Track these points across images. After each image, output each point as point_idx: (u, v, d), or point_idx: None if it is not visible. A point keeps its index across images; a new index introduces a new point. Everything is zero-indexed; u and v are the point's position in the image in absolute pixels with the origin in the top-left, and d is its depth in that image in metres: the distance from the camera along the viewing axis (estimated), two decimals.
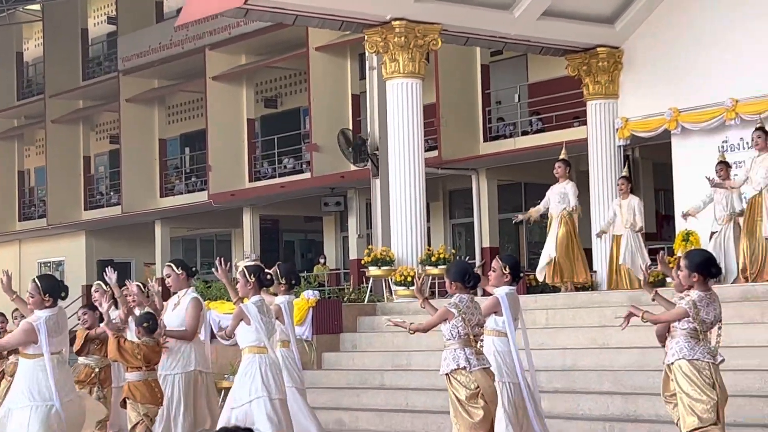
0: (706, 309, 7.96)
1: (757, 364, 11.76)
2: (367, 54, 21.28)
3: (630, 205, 17.35)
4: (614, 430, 11.41)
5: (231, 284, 10.09)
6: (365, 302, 17.81)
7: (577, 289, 17.19)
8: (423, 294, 9.31)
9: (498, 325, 9.50)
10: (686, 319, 7.92)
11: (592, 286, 17.93)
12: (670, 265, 9.33)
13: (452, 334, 8.69)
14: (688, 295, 8.00)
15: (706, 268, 8.09)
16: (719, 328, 8.17)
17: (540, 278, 17.50)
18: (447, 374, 8.75)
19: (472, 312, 8.73)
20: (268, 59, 31.81)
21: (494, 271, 9.64)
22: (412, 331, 9.11)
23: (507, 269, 9.53)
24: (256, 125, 33.43)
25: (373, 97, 23.70)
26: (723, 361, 8.15)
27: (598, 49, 19.90)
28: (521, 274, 10.43)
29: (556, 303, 15.66)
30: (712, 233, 16.37)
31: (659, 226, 24.28)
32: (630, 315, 8.27)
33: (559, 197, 17.23)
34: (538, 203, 18.16)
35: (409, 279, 17.41)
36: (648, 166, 23.95)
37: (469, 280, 8.89)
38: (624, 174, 18.38)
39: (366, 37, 18.62)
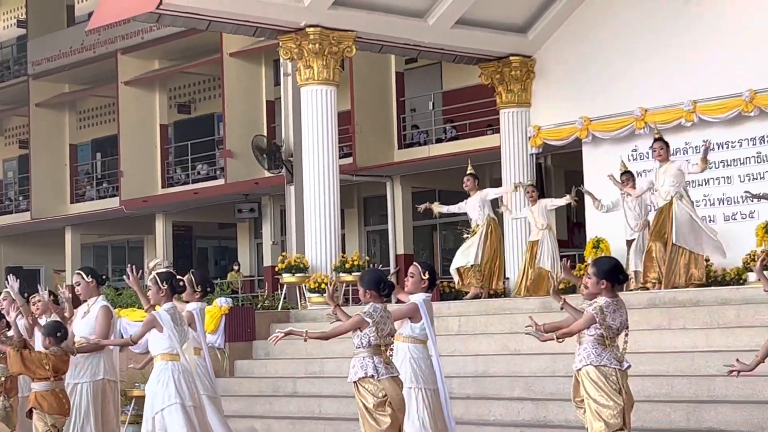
0: (612, 315, 8.08)
1: (664, 369, 11.99)
2: (281, 60, 21.24)
3: (540, 208, 17.55)
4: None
5: (142, 291, 9.98)
6: (279, 309, 17.78)
7: (490, 296, 17.34)
8: (335, 300, 9.29)
9: (414, 332, 9.45)
10: (594, 325, 8.03)
11: (504, 293, 18.10)
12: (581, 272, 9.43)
13: (362, 343, 8.67)
14: (596, 302, 8.12)
15: (613, 274, 8.21)
16: (626, 334, 8.30)
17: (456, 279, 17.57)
18: (355, 382, 8.75)
19: (385, 321, 8.73)
20: (181, 64, 31.61)
21: (412, 277, 9.56)
22: (306, 339, 9.01)
23: (426, 275, 9.53)
24: (170, 131, 33.18)
25: (287, 103, 23.69)
26: (629, 367, 8.28)
27: (511, 57, 20.10)
28: (437, 281, 10.46)
29: (469, 310, 15.76)
30: (629, 241, 16.58)
31: (570, 234, 24.55)
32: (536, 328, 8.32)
33: (479, 204, 17.36)
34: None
35: (323, 286, 17.42)
36: (560, 173, 24.21)
37: (383, 288, 8.83)
38: (530, 182, 18.63)
39: (280, 43, 18.59)
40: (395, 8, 18.69)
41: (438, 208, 18.06)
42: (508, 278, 19.10)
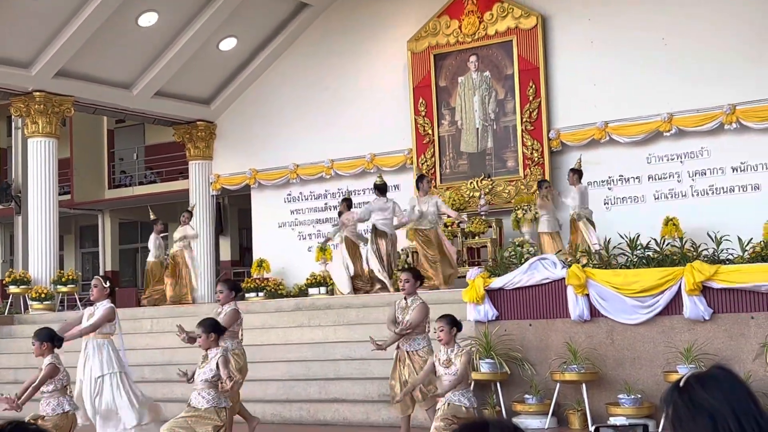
0: None
1: (304, 356, 12.30)
2: (12, 116, 20.17)
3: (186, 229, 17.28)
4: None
5: None
6: (5, 314, 16.81)
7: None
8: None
9: (105, 329, 9.12)
10: None
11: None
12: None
13: (55, 386, 7.76)
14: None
15: None
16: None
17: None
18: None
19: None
20: None
21: (96, 287, 9.05)
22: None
23: (107, 284, 9.14)
24: None
25: (17, 150, 22.57)
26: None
27: (198, 122, 20.04)
28: (115, 289, 9.96)
29: (160, 313, 15.53)
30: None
31: (242, 256, 24.72)
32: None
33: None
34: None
35: (43, 296, 16.69)
36: (234, 211, 24.35)
37: (56, 341, 7.89)
38: (189, 209, 18.26)
39: (12, 103, 17.75)
40: (107, 80, 18.23)
41: None
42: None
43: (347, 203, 15.58)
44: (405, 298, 8.99)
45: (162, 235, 17.51)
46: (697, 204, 15.04)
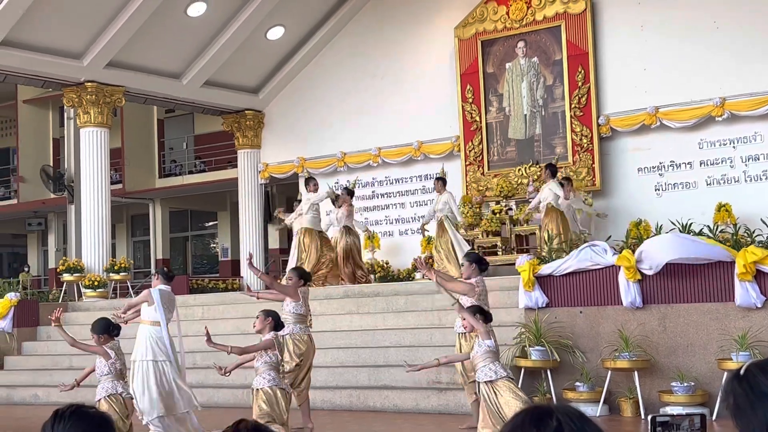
0: None
1: (353, 343, 12.32)
2: (65, 107, 20.44)
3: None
4: (245, 395, 11.58)
5: None
6: (60, 302, 17.06)
7: None
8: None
9: (151, 316, 9.19)
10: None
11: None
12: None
13: (109, 370, 7.89)
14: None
15: None
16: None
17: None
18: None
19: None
20: None
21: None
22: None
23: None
24: None
25: (70, 140, 22.91)
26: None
27: (246, 111, 20.14)
28: (173, 277, 9.99)
29: (210, 300, 15.66)
30: None
31: (290, 244, 24.73)
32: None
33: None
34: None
35: (96, 283, 16.91)
36: (282, 199, 24.45)
37: (112, 331, 8.01)
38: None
39: (64, 93, 17.95)
40: (157, 70, 18.39)
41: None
42: (242, 276, 19.04)
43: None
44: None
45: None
46: (750, 189, 14.74)
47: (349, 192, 16.29)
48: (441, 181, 15.23)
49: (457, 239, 14.74)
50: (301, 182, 19.30)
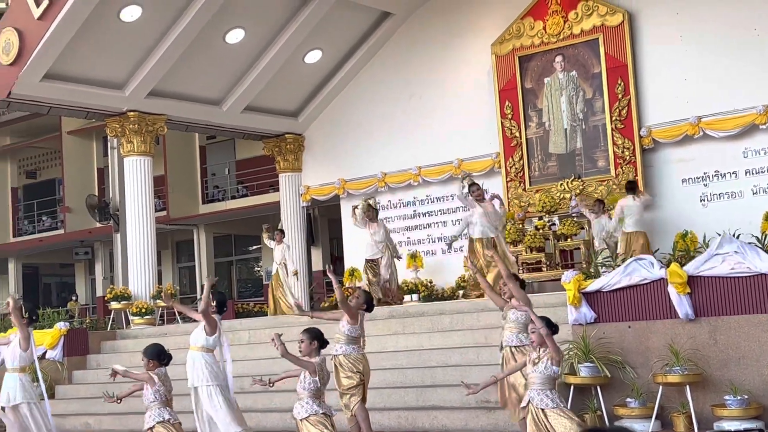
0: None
1: (399, 363, 12.26)
2: (108, 137, 20.73)
3: (282, 248, 17.46)
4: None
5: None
6: (108, 330, 17.25)
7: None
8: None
9: (208, 343, 9.42)
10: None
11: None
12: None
13: (155, 397, 8.00)
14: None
15: None
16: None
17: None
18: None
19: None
20: (29, 140, 30.43)
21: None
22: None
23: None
24: (19, 192, 31.84)
25: (114, 170, 23.20)
26: None
27: (286, 135, 20.28)
28: (226, 306, 10.33)
29: (257, 324, 15.71)
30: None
31: (334, 264, 24.80)
32: None
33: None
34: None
35: (143, 310, 17.06)
36: (324, 221, 24.53)
37: (162, 358, 8.24)
38: (280, 227, 18.49)
39: (107, 124, 18.19)
40: (197, 98, 18.60)
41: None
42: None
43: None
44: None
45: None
46: None
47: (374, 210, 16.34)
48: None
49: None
50: (344, 204, 19.37)
